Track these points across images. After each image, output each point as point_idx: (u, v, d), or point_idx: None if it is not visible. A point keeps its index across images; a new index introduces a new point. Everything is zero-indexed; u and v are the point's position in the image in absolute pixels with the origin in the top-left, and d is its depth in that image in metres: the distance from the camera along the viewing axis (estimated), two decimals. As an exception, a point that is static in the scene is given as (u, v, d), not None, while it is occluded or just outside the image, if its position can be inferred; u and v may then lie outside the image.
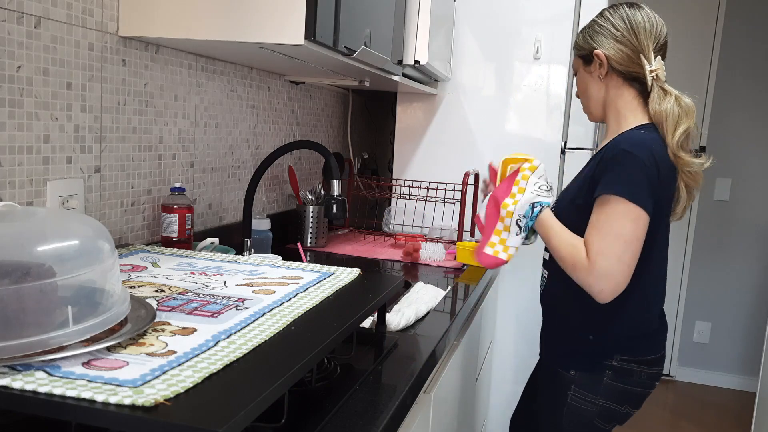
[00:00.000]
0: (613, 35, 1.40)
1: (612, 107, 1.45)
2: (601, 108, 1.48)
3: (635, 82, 1.41)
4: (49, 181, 1.18)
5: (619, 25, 1.40)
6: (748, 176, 3.70)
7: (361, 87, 2.03)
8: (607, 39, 1.41)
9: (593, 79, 1.46)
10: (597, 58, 1.42)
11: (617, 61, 1.40)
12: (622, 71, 1.41)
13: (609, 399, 1.38)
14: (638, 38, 1.39)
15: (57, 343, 0.67)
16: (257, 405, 0.62)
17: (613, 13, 1.43)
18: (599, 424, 1.41)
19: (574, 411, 1.41)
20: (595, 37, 1.43)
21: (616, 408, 1.39)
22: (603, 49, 1.41)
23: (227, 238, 1.73)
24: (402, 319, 1.27)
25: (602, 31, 1.42)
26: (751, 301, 3.76)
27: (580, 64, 1.49)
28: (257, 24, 1.23)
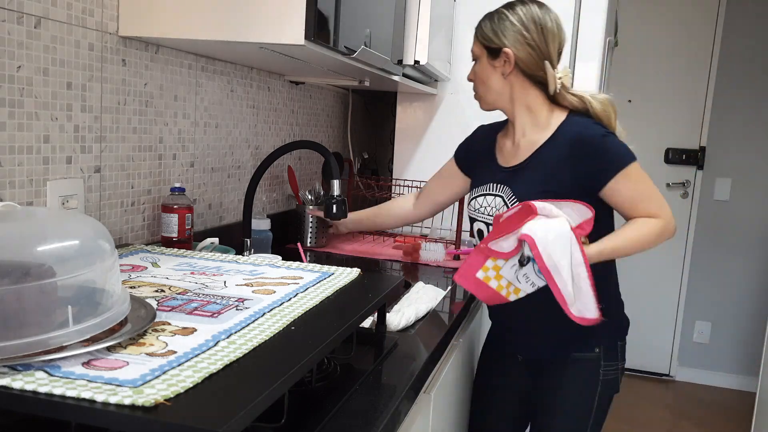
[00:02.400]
0: (524, 37, 1.42)
1: (520, 103, 1.48)
2: (500, 100, 1.50)
3: (539, 84, 1.46)
4: (49, 181, 1.18)
5: (531, 27, 1.43)
6: (748, 176, 3.70)
7: (361, 87, 2.03)
8: (518, 39, 1.43)
9: (496, 73, 1.47)
10: (506, 56, 1.44)
11: (525, 63, 1.44)
12: (527, 73, 1.45)
13: (623, 358, 1.52)
14: (547, 45, 1.44)
15: (57, 343, 0.67)
16: (257, 405, 0.62)
17: (525, 12, 1.44)
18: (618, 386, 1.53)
19: (606, 385, 1.49)
20: (506, 32, 1.44)
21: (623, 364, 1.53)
22: (513, 49, 1.43)
23: (227, 238, 1.73)
24: (402, 319, 1.27)
25: (513, 30, 1.43)
26: (751, 301, 3.76)
27: (484, 54, 1.49)
28: (257, 24, 1.23)
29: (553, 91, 1.45)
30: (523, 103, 1.48)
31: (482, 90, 1.52)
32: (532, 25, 1.43)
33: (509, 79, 1.46)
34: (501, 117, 2.43)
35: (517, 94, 1.47)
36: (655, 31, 3.71)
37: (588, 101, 1.45)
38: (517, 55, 1.43)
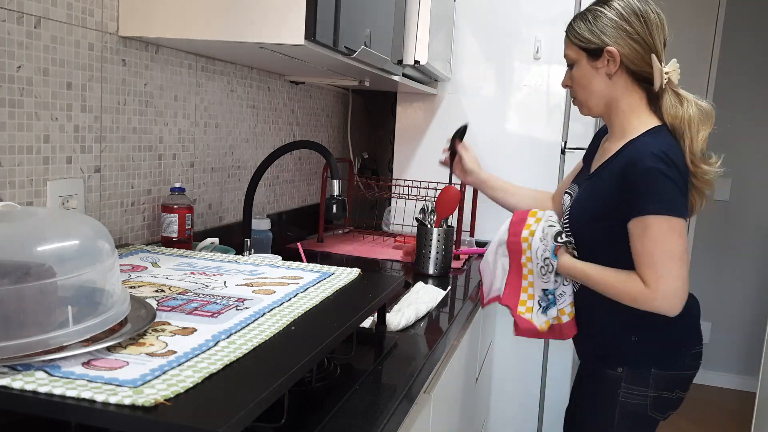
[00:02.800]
0: (627, 32, 1.34)
1: (617, 107, 1.40)
2: (603, 105, 1.42)
3: (644, 83, 1.37)
4: (49, 181, 1.18)
5: (632, 20, 1.34)
6: (748, 176, 3.70)
7: (361, 87, 2.03)
8: (620, 35, 1.34)
9: (599, 75, 1.38)
10: (609, 55, 1.35)
11: (631, 60, 1.35)
12: (633, 71, 1.36)
13: (659, 388, 1.39)
14: (652, 37, 1.35)
15: (57, 343, 0.67)
16: (257, 405, 0.62)
17: (624, 5, 1.35)
18: (654, 415, 1.41)
19: (627, 408, 1.40)
20: (607, 30, 1.35)
21: (668, 396, 1.40)
22: (616, 46, 1.34)
23: (227, 238, 1.73)
24: (402, 319, 1.27)
25: (613, 25, 1.35)
26: (751, 301, 3.76)
27: (582, 57, 1.40)
28: (257, 24, 1.23)
29: (658, 87, 1.36)
30: (619, 107, 1.40)
31: (583, 95, 1.43)
32: (633, 18, 1.34)
33: (614, 79, 1.37)
34: (500, 118, 2.44)
35: (617, 96, 1.39)
36: (655, 31, 3.71)
37: (688, 103, 1.35)
38: (622, 52, 1.34)
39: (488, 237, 2.41)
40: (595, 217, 1.38)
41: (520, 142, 2.38)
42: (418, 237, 1.80)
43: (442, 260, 1.78)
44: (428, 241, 1.78)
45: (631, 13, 1.34)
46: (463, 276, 1.84)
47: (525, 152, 2.38)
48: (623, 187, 1.30)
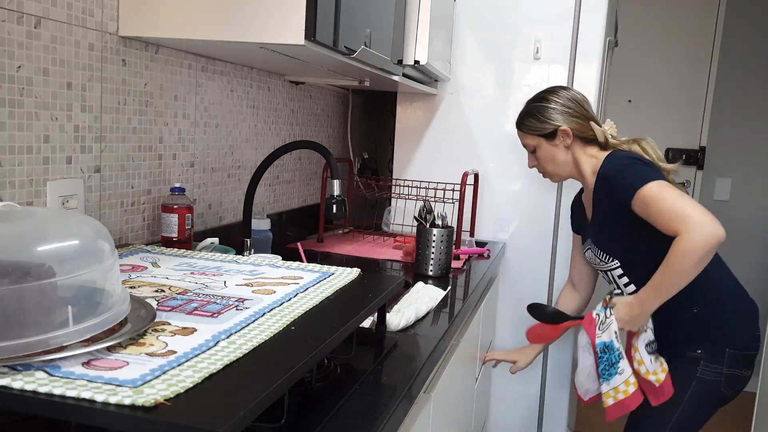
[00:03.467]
0: (568, 112, 1.73)
1: (581, 164, 1.74)
2: (569, 168, 1.77)
3: (593, 141, 1.73)
4: (49, 181, 1.18)
5: (569, 104, 1.73)
6: (748, 176, 3.70)
7: (361, 87, 2.03)
8: (564, 116, 1.73)
9: (559, 150, 1.75)
10: (563, 133, 1.73)
11: (577, 130, 1.72)
12: (582, 137, 1.73)
13: (732, 366, 1.60)
14: (587, 111, 1.75)
15: (57, 343, 0.67)
16: (257, 405, 0.62)
17: (558, 97, 1.74)
18: (726, 391, 1.61)
19: (703, 383, 1.60)
20: (554, 116, 1.73)
21: (739, 373, 1.61)
22: (566, 124, 1.72)
23: (227, 238, 1.73)
24: (402, 319, 1.27)
25: (558, 111, 1.73)
26: (751, 301, 3.75)
27: (541, 141, 1.76)
28: (257, 24, 1.23)
29: (604, 143, 1.71)
30: (584, 160, 1.73)
31: (552, 168, 1.79)
32: (569, 102, 1.74)
33: (571, 148, 1.74)
34: (500, 118, 2.45)
35: (580, 155, 1.74)
36: (655, 31, 3.71)
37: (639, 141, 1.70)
38: (571, 127, 1.72)
39: (488, 237, 2.42)
40: (616, 230, 1.64)
41: (520, 142, 2.38)
42: (418, 238, 1.80)
43: (442, 261, 1.78)
44: (428, 242, 1.77)
45: (567, 99, 1.74)
46: (463, 276, 1.84)
47: (525, 152, 2.38)
48: (611, 191, 1.60)
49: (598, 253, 1.71)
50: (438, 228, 1.78)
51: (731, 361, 1.59)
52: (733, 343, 1.60)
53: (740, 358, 1.60)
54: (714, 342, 1.60)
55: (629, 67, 3.70)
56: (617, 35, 2.97)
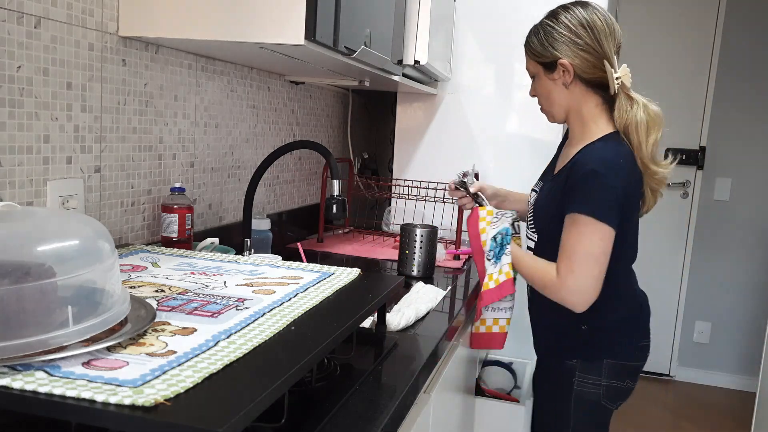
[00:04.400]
0: (576, 43, 1.41)
1: (575, 114, 1.48)
2: (564, 112, 1.50)
3: (599, 89, 1.44)
4: (49, 181, 1.18)
5: (581, 32, 1.41)
6: (748, 176, 3.70)
7: (361, 87, 2.03)
8: (569, 47, 1.41)
9: (557, 86, 1.47)
10: (562, 66, 1.43)
11: (582, 70, 1.42)
12: (587, 78, 1.43)
13: (611, 377, 1.49)
14: (601, 45, 1.41)
15: (57, 343, 0.67)
16: (257, 405, 0.62)
17: (570, 17, 1.42)
18: (607, 404, 1.51)
19: (581, 396, 1.50)
20: (556, 44, 1.43)
21: (619, 385, 1.50)
22: (567, 58, 1.42)
23: (227, 238, 1.73)
24: (402, 319, 1.27)
25: (562, 39, 1.42)
26: (751, 301, 3.76)
27: (540, 70, 1.49)
28: (257, 24, 1.23)
29: (613, 92, 1.42)
30: (578, 114, 1.48)
31: (547, 105, 1.53)
32: (581, 29, 1.41)
33: (571, 88, 1.45)
34: (500, 118, 2.44)
35: (575, 103, 1.47)
36: (655, 31, 3.71)
37: (637, 106, 1.42)
38: (574, 63, 1.42)
39: (488, 237, 2.42)
40: (552, 214, 1.46)
41: (520, 142, 2.38)
42: (401, 238, 1.79)
43: (425, 261, 1.77)
44: (411, 242, 1.77)
45: (578, 24, 1.41)
46: (463, 276, 1.84)
47: (525, 152, 2.38)
48: (566, 186, 1.41)
49: (531, 209, 1.57)
50: (421, 228, 1.77)
51: (610, 372, 1.48)
52: (613, 354, 1.48)
53: (620, 369, 1.49)
54: (591, 352, 1.49)
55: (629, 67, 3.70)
56: (617, 35, 2.96)
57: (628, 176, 1.38)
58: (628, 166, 1.39)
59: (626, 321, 1.51)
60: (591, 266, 1.36)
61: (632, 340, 1.51)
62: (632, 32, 3.68)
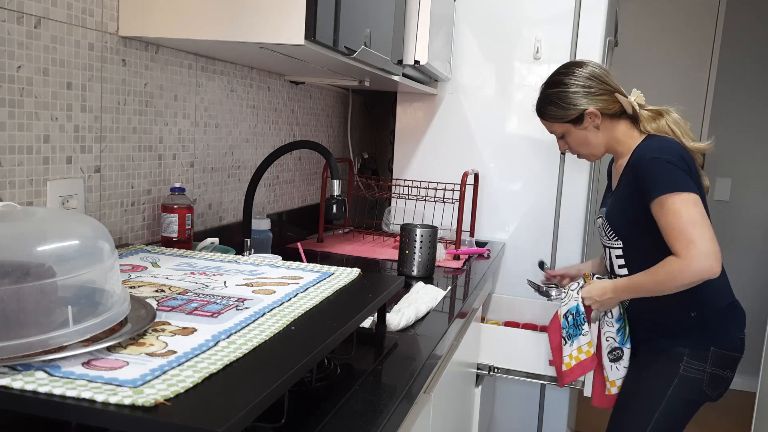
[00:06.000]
0: (590, 93, 1.63)
1: (614, 141, 1.67)
2: (604, 148, 1.69)
3: (623, 115, 1.65)
4: (49, 181, 1.18)
5: (589, 84, 1.63)
6: (748, 176, 3.70)
7: (361, 87, 2.03)
8: (588, 98, 1.63)
9: (590, 132, 1.67)
10: (589, 116, 1.64)
11: (605, 108, 1.63)
12: (610, 114, 1.64)
13: (716, 365, 1.59)
14: (609, 84, 1.64)
15: (57, 343, 0.67)
16: (257, 405, 0.62)
17: (575, 78, 1.64)
18: (707, 391, 1.60)
19: (686, 380, 1.59)
20: (577, 101, 1.63)
21: (721, 374, 1.60)
22: (591, 106, 1.63)
23: (227, 238, 1.73)
24: (402, 319, 1.27)
25: (578, 95, 1.63)
26: (751, 300, 3.75)
27: (568, 127, 1.68)
28: (257, 24, 1.23)
29: (632, 113, 1.63)
30: (614, 140, 1.66)
31: (586, 150, 1.71)
32: (589, 81, 1.63)
33: (602, 127, 1.65)
34: (500, 118, 2.44)
35: (612, 133, 1.66)
36: (655, 31, 3.71)
37: (664, 115, 1.63)
38: (598, 107, 1.63)
39: (488, 237, 2.42)
40: (629, 219, 1.59)
41: (520, 142, 2.38)
42: (401, 239, 1.79)
43: (426, 262, 1.77)
44: (412, 242, 1.77)
45: (585, 79, 1.64)
46: (463, 276, 1.84)
47: (525, 152, 2.38)
48: (636, 182, 1.54)
49: (606, 226, 1.67)
50: (420, 227, 1.78)
51: (715, 360, 1.59)
52: (719, 343, 1.59)
53: (724, 358, 1.59)
54: (700, 340, 1.59)
55: (629, 67, 3.70)
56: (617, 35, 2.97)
57: (682, 153, 1.53)
58: (678, 147, 1.55)
59: (731, 311, 1.62)
60: (702, 230, 1.44)
61: (735, 331, 1.62)
62: (632, 32, 3.68)
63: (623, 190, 1.61)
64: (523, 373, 2.00)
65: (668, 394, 1.59)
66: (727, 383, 1.62)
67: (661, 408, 1.59)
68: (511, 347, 1.99)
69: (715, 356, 1.58)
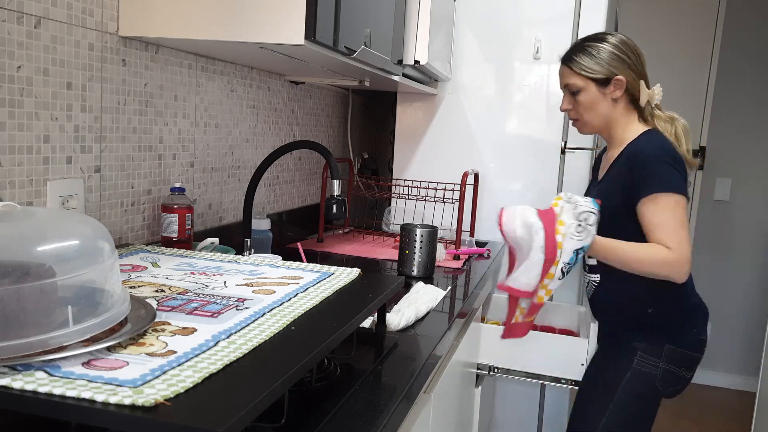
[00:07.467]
0: (626, 63, 1.59)
1: (616, 123, 1.63)
2: (604, 123, 1.64)
3: (635, 102, 1.62)
4: (49, 181, 1.18)
5: (628, 53, 1.59)
6: (748, 176, 3.70)
7: (361, 87, 2.03)
8: (623, 66, 1.58)
9: (605, 99, 1.61)
10: (617, 82, 1.59)
11: (630, 85, 1.60)
12: (631, 94, 1.61)
13: (670, 362, 1.59)
14: (643, 67, 1.61)
15: (57, 343, 0.67)
16: (257, 405, 0.62)
17: (615, 40, 1.60)
18: (660, 386, 1.60)
19: (638, 374, 1.59)
20: (613, 62, 1.59)
21: (675, 371, 1.60)
22: (623, 75, 1.58)
23: (227, 238, 1.73)
24: (402, 319, 1.27)
25: (615, 57, 1.58)
26: (751, 301, 3.76)
27: (591, 85, 1.61)
28: (257, 24, 1.23)
29: (644, 107, 1.61)
30: (619, 122, 1.63)
31: (589, 116, 1.64)
32: (628, 51, 1.59)
33: (617, 102, 1.61)
34: (500, 118, 2.44)
35: (620, 114, 1.62)
36: (655, 31, 3.71)
37: (676, 121, 1.61)
38: (627, 79, 1.58)
39: (488, 237, 2.42)
40: (612, 213, 1.55)
41: (520, 142, 2.38)
42: (401, 238, 1.79)
43: (425, 262, 1.77)
44: (412, 242, 1.77)
45: (626, 46, 1.60)
46: (463, 276, 1.84)
47: (525, 152, 2.38)
48: (632, 175, 1.52)
49: None
50: (420, 227, 1.77)
51: (669, 358, 1.59)
52: (675, 341, 1.59)
53: (679, 356, 1.59)
54: (655, 336, 1.59)
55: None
56: (617, 35, 2.96)
57: (680, 157, 1.53)
58: (675, 149, 1.55)
59: (691, 311, 1.63)
60: (688, 237, 1.49)
61: (694, 331, 1.62)
62: (632, 32, 3.67)
63: (612, 182, 1.59)
64: (523, 373, 2.00)
65: (621, 386, 1.59)
66: (684, 382, 1.62)
67: (615, 400, 1.59)
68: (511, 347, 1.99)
69: (669, 353, 1.59)
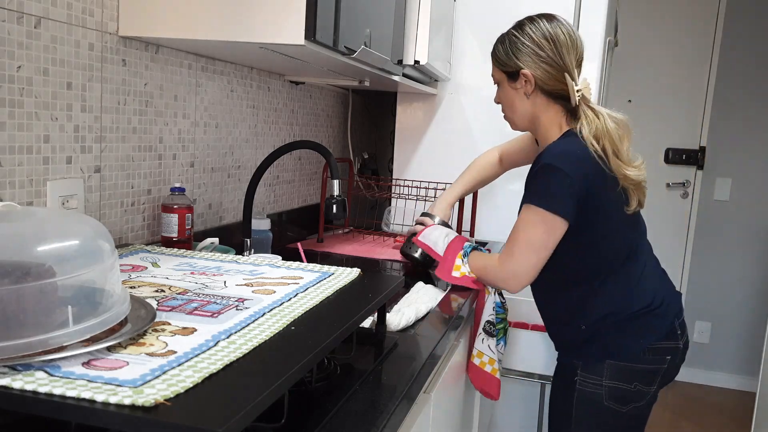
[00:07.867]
0: (538, 55, 1.44)
1: (539, 122, 1.51)
2: (527, 121, 1.53)
3: (560, 100, 1.46)
4: (49, 181, 1.18)
5: (543, 44, 1.43)
6: (748, 176, 3.70)
7: (361, 87, 2.03)
8: (532, 59, 1.44)
9: (518, 95, 1.50)
10: (524, 77, 1.46)
11: (544, 81, 1.45)
12: (548, 90, 1.46)
13: (614, 379, 1.46)
14: (563, 58, 1.43)
15: (57, 343, 0.67)
16: (257, 405, 0.62)
17: (535, 29, 1.45)
18: (613, 406, 1.47)
19: (584, 395, 1.48)
20: (520, 55, 1.46)
21: (626, 387, 1.46)
22: (529, 69, 1.45)
23: (227, 238, 1.73)
24: (402, 319, 1.27)
25: (526, 50, 1.45)
26: (751, 301, 3.76)
27: (503, 78, 1.53)
28: (257, 24, 1.23)
29: (574, 104, 1.44)
30: (541, 122, 1.50)
31: (509, 112, 1.57)
32: (544, 42, 1.44)
33: (532, 98, 1.48)
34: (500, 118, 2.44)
35: (537, 112, 1.50)
36: (655, 31, 3.71)
37: (603, 117, 1.42)
38: (535, 74, 1.45)
39: (488, 237, 2.42)
40: None
41: (520, 142, 2.37)
42: None
43: None
44: None
45: (542, 36, 1.44)
46: (463, 276, 1.83)
47: (525, 152, 2.38)
48: (527, 178, 1.45)
49: None
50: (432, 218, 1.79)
51: (612, 374, 1.45)
52: (614, 355, 1.45)
53: (623, 371, 1.45)
54: (593, 352, 1.47)
55: (629, 67, 3.70)
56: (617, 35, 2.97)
57: (585, 168, 1.37)
58: (584, 158, 1.38)
59: (632, 321, 1.45)
60: (529, 254, 1.41)
61: (640, 341, 1.45)
62: (632, 32, 3.68)
63: None
64: (523, 373, 2.00)
65: (574, 413, 1.50)
66: (640, 396, 1.46)
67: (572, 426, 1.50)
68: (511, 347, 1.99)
69: (611, 369, 1.45)
